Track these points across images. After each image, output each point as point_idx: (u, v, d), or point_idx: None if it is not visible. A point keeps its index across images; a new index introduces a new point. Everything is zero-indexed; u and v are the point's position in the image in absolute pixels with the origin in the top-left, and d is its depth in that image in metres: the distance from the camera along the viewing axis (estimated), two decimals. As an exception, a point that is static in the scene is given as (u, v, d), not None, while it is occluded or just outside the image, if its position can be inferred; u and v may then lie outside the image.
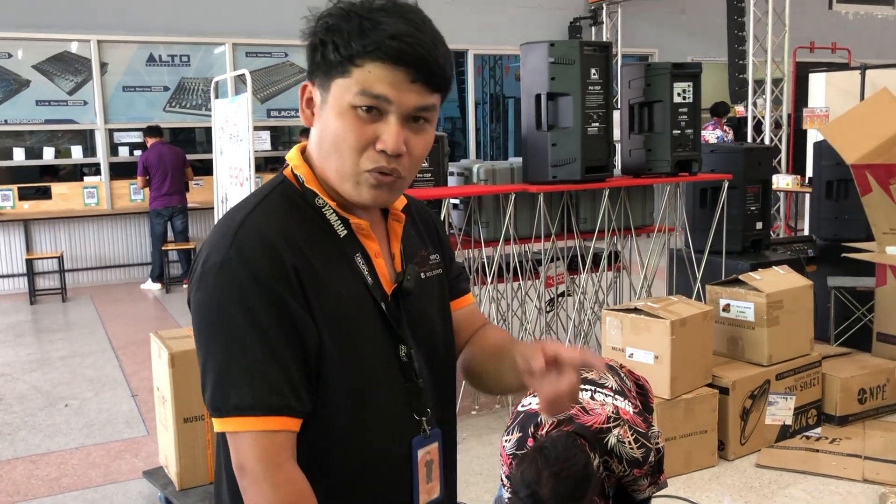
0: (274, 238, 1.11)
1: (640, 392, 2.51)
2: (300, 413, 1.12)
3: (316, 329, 1.12)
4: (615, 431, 2.14)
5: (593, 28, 11.74)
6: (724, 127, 10.27)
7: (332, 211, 1.20)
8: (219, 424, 1.11)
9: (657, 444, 2.20)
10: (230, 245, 1.11)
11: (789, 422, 4.06)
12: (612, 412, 2.18)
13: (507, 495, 2.20)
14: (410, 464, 1.25)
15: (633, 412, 2.22)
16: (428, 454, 1.27)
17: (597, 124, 4.37)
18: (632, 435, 2.13)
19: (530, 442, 2.23)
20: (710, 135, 9.93)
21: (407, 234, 1.32)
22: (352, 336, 1.17)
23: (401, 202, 1.31)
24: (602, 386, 2.29)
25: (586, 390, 2.27)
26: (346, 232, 1.20)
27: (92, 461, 4.14)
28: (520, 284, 5.03)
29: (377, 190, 1.16)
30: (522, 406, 2.36)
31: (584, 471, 2.00)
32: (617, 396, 2.26)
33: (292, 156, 1.23)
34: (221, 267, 1.10)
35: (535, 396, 2.37)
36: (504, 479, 2.21)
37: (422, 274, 1.31)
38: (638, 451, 2.10)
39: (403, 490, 1.26)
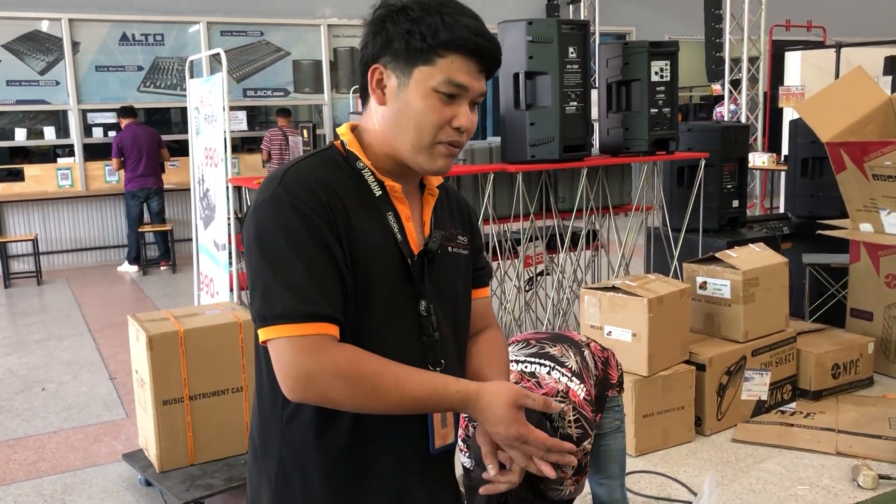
0: (314, 182, 1.28)
1: (604, 368, 2.50)
2: (336, 320, 1.25)
3: (346, 258, 1.27)
4: (560, 405, 2.14)
5: (571, 6, 11.71)
6: (738, 101, 10.29)
7: (370, 172, 1.36)
8: (263, 334, 1.25)
9: (592, 436, 2.18)
10: (278, 185, 1.28)
11: (765, 397, 4.12)
12: (563, 390, 2.19)
13: (465, 461, 2.18)
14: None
15: (584, 398, 2.22)
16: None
17: (575, 103, 4.37)
18: (573, 415, 2.12)
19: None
20: (725, 109, 9.95)
21: (439, 210, 1.46)
22: (374, 279, 1.30)
23: (437, 180, 1.47)
24: (562, 365, 2.29)
25: (545, 366, 2.28)
26: (381, 192, 1.36)
27: (70, 444, 4.12)
28: (499, 264, 5.04)
29: (448, 159, 1.35)
30: None
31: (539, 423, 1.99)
32: (573, 378, 2.25)
33: (343, 130, 1.41)
34: (269, 201, 1.27)
35: None
36: (461, 444, 2.18)
37: (449, 247, 1.44)
38: (575, 430, 2.09)
39: (418, 433, 1.37)
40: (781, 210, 7.28)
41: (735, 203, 5.42)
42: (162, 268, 8.84)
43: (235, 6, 9.62)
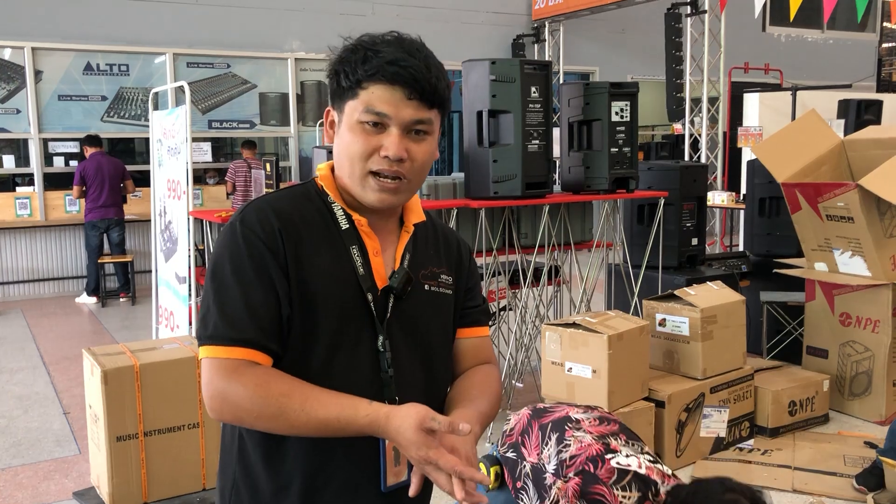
0: (271, 211, 1.34)
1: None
2: (264, 348, 1.30)
3: (289, 289, 1.31)
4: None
5: (536, 45, 11.91)
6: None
7: (339, 207, 1.40)
8: (199, 352, 1.32)
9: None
10: (239, 213, 1.36)
11: (723, 434, 4.15)
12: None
13: None
14: (377, 444, 1.37)
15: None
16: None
17: (537, 141, 4.42)
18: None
19: None
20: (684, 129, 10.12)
21: (421, 248, 1.48)
22: (325, 310, 1.33)
23: (417, 217, 1.49)
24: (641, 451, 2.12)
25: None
26: (348, 226, 1.39)
27: (19, 482, 4.00)
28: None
29: (381, 193, 1.36)
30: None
31: None
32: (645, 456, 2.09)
33: (321, 167, 1.46)
34: (227, 229, 1.35)
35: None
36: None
37: (426, 286, 1.46)
38: None
39: (371, 469, 1.39)
40: (740, 248, 7.41)
41: (694, 241, 5.50)
42: (121, 299, 8.70)
43: (202, 38, 9.62)
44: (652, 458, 2.09)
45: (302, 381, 1.30)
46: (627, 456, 2.06)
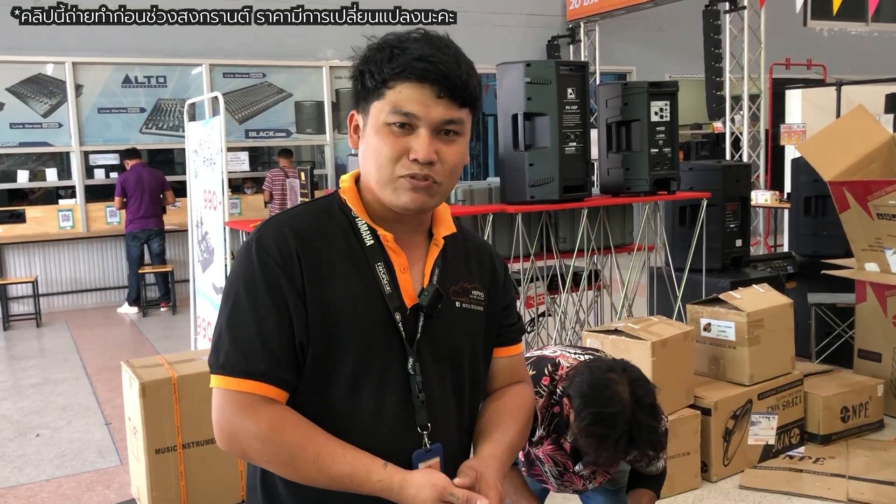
0: (289, 231, 1.27)
1: None
2: (277, 380, 1.24)
3: (306, 314, 1.25)
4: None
5: (571, 46, 11.79)
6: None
7: (363, 222, 1.33)
8: (211, 379, 1.27)
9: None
10: (256, 233, 1.30)
11: (772, 442, 4.02)
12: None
13: (541, 432, 2.15)
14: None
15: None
16: (429, 468, 1.31)
17: (574, 144, 4.35)
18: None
19: (545, 381, 2.17)
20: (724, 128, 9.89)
21: (451, 262, 1.40)
22: (348, 332, 1.26)
23: (447, 229, 1.40)
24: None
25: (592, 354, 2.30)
26: (372, 242, 1.32)
27: (62, 493, 4.03)
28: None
29: (414, 193, 1.27)
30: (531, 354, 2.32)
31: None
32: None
33: (344, 179, 1.39)
34: (243, 249, 1.30)
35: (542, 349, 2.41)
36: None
37: (457, 302, 1.38)
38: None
39: None
40: (785, 248, 7.23)
41: (738, 242, 5.36)
42: (162, 309, 8.79)
43: (238, 48, 9.69)
44: (580, 353, 2.29)
45: (318, 431, 1.25)
46: (553, 352, 2.30)
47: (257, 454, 1.24)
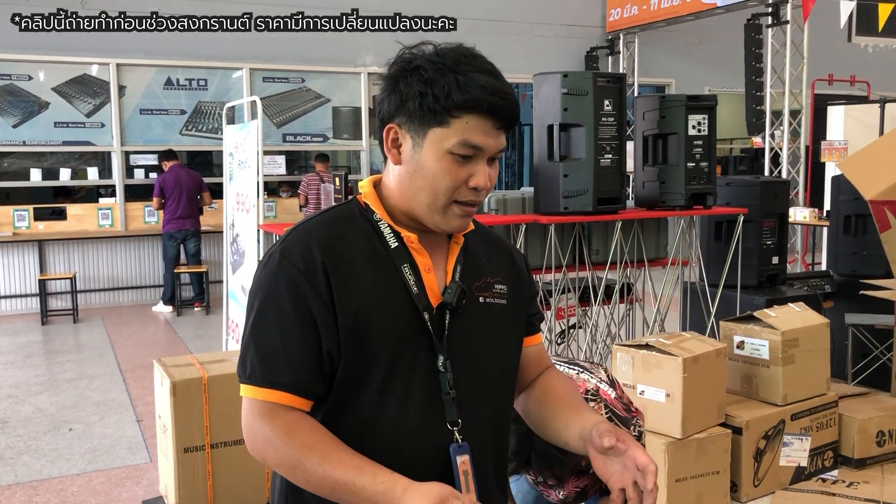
0: (314, 242, 1.28)
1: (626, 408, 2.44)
2: (301, 391, 1.27)
3: (335, 323, 1.26)
4: (590, 405, 2.09)
5: (610, 58, 11.74)
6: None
7: (386, 225, 1.34)
8: (240, 388, 1.31)
9: (637, 429, 2.12)
10: (280, 243, 1.31)
11: (804, 463, 3.95)
12: (592, 389, 2.12)
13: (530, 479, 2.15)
14: (449, 468, 1.32)
15: (614, 398, 2.16)
16: (463, 464, 1.33)
17: (609, 156, 4.32)
18: (606, 412, 2.06)
19: None
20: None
21: (472, 258, 1.42)
22: (380, 335, 1.28)
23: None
24: (592, 374, 2.24)
25: (574, 369, 2.22)
26: (397, 244, 1.34)
27: (93, 488, 4.09)
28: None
29: (464, 219, 1.33)
30: None
31: None
32: (604, 382, 2.19)
33: (363, 184, 1.40)
34: (267, 259, 1.32)
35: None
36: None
37: (480, 298, 1.39)
38: None
39: None
40: (823, 266, 7.10)
41: (775, 259, 5.28)
42: (196, 309, 8.89)
43: (278, 53, 9.80)
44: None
45: (329, 436, 1.26)
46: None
47: (270, 459, 1.27)
